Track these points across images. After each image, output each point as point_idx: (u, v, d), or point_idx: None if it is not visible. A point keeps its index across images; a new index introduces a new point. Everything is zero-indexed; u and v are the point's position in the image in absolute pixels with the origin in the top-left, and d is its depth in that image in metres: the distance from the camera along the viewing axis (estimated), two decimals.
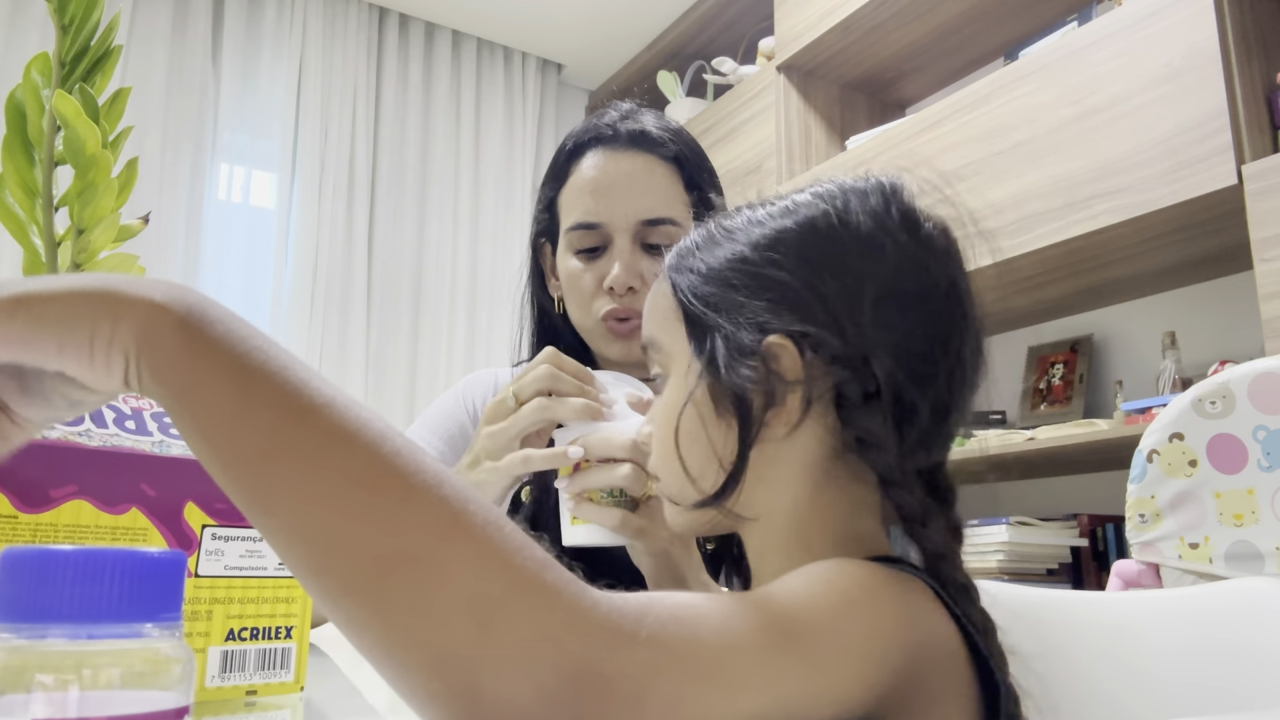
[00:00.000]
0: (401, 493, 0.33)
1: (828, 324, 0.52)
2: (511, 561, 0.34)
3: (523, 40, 3.41)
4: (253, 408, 0.34)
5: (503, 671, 0.32)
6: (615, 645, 0.34)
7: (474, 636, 0.32)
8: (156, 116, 2.78)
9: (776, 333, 0.52)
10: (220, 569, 0.50)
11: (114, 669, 0.26)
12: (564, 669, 0.33)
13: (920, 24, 2.40)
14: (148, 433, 0.50)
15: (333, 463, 0.33)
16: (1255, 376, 0.93)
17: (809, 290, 0.53)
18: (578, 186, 0.97)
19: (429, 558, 0.33)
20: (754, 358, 0.52)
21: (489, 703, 0.32)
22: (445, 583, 0.32)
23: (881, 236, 0.54)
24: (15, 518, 0.44)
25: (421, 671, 0.33)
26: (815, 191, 0.58)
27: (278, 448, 0.33)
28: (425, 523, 0.33)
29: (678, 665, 0.35)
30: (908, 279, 0.54)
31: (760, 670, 0.38)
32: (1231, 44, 1.60)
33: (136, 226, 0.80)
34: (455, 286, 3.15)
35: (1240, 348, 1.88)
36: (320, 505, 0.33)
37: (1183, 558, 0.97)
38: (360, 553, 0.32)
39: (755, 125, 2.70)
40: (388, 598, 0.32)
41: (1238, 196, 1.58)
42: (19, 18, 2.69)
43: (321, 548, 0.33)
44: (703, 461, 0.54)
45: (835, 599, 0.44)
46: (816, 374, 0.52)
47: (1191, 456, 0.97)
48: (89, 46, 0.79)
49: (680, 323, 0.57)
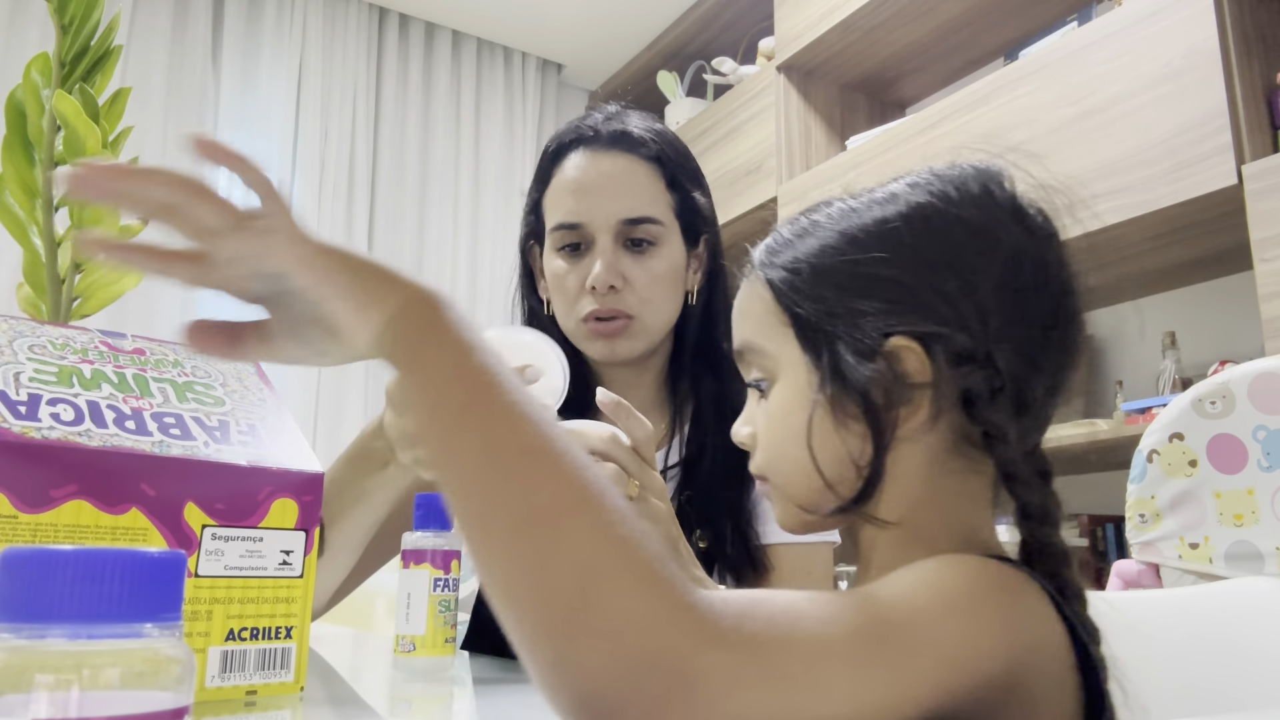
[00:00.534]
0: (546, 463, 0.39)
1: (952, 322, 0.51)
2: (624, 544, 0.36)
3: (523, 40, 3.41)
4: (457, 376, 0.42)
5: (590, 644, 0.35)
6: (704, 644, 0.35)
7: (574, 604, 0.35)
8: (156, 116, 2.78)
9: (899, 334, 0.51)
10: (220, 569, 0.50)
11: (114, 669, 0.26)
12: (647, 656, 0.35)
13: (920, 24, 2.40)
14: (148, 433, 0.50)
15: (502, 432, 0.40)
16: (1255, 376, 0.93)
17: (928, 288, 0.52)
18: (560, 187, 0.97)
19: (554, 523, 0.37)
20: (877, 360, 0.51)
21: (572, 669, 0.35)
22: (561, 549, 0.36)
23: (993, 227, 0.54)
24: (15, 518, 0.44)
25: (528, 626, 0.36)
26: (913, 181, 0.57)
27: (467, 412, 0.41)
28: (557, 492, 0.38)
29: (763, 673, 0.36)
30: (1022, 269, 0.53)
31: (847, 680, 0.39)
32: (1231, 44, 1.60)
33: (137, 227, 0.80)
34: (455, 286, 3.15)
35: (1240, 348, 1.88)
36: (487, 464, 0.39)
37: (1183, 558, 0.97)
38: (502, 509, 0.38)
39: (755, 125, 2.70)
40: (516, 552, 0.37)
41: (1238, 196, 1.58)
42: (19, 18, 2.69)
43: (479, 499, 0.39)
44: (837, 466, 0.53)
45: (938, 604, 0.43)
46: (944, 374, 0.51)
47: (1191, 456, 0.97)
48: (89, 46, 0.79)
49: (785, 327, 0.56)
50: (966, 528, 0.54)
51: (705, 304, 1.02)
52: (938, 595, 0.44)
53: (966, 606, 0.44)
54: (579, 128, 0.99)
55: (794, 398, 0.55)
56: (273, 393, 0.62)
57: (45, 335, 0.56)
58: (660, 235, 0.96)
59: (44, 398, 0.49)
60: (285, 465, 0.53)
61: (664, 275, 0.96)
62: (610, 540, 0.37)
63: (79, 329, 0.58)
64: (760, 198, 2.63)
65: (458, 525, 0.40)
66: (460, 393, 0.42)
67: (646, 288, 0.95)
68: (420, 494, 0.73)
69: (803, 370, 0.55)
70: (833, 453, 0.53)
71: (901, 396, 0.51)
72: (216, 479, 0.51)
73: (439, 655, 0.68)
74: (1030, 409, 0.53)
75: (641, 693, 0.34)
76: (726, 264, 1.04)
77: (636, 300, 0.94)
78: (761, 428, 0.58)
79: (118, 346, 0.58)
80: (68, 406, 0.49)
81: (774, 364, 0.56)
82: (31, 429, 0.46)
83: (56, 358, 0.54)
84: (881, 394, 0.51)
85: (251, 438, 0.55)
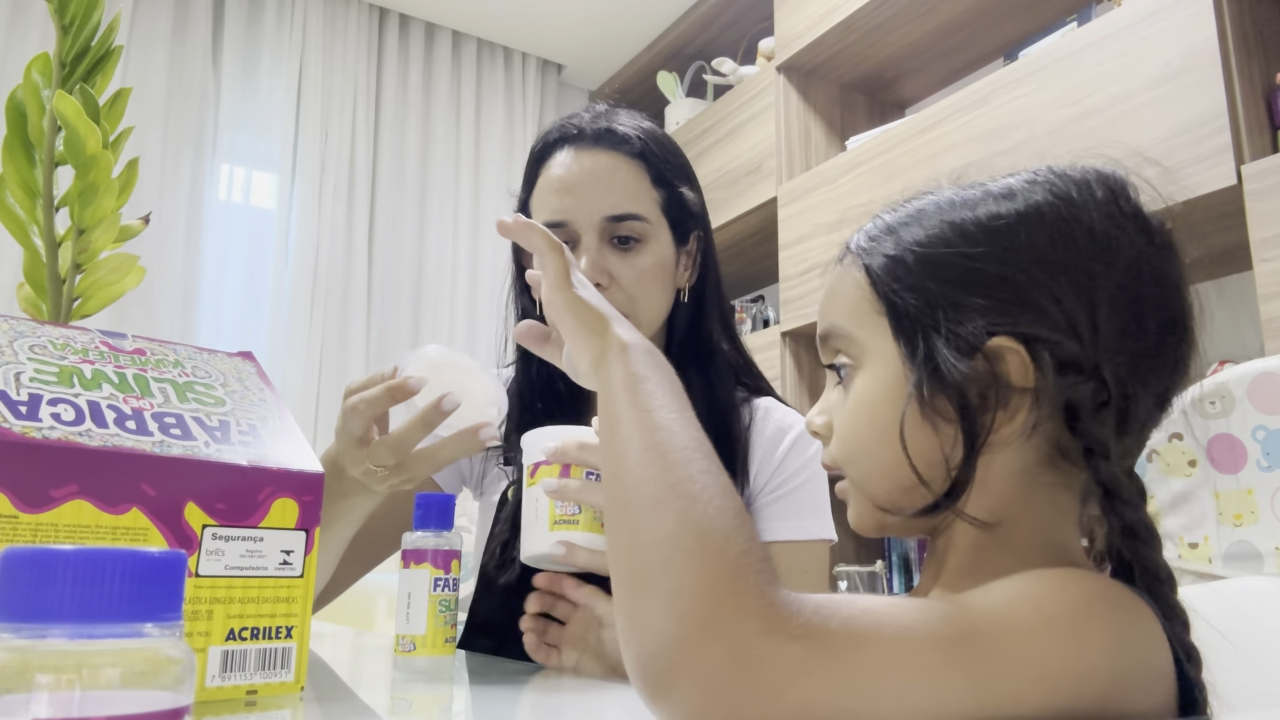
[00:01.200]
0: (664, 459, 0.46)
1: (1063, 328, 0.49)
2: (711, 529, 0.41)
3: (523, 40, 3.41)
4: (628, 411, 0.52)
5: (659, 603, 0.39)
6: (771, 631, 0.36)
7: (654, 568, 0.41)
8: (157, 117, 2.78)
9: (1003, 334, 0.49)
10: (220, 569, 0.50)
11: (114, 669, 0.26)
12: (708, 626, 0.37)
13: (920, 24, 2.40)
14: (148, 433, 0.50)
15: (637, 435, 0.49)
16: (1255, 377, 0.93)
17: (1041, 290, 0.50)
18: (545, 186, 0.97)
19: (662, 504, 0.44)
20: (977, 359, 0.49)
21: (641, 625, 0.39)
22: (658, 525, 0.42)
23: (1115, 234, 0.52)
24: (15, 518, 0.44)
25: (620, 587, 0.43)
26: (1031, 179, 0.54)
27: (630, 444, 0.49)
28: (663, 481, 0.45)
29: (830, 667, 0.36)
30: (1141, 281, 0.51)
31: (923, 685, 0.38)
32: (1231, 44, 1.60)
33: (137, 227, 0.80)
34: (455, 286, 3.16)
35: (1240, 348, 1.88)
36: (620, 460, 0.49)
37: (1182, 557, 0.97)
38: (621, 492, 0.47)
39: (755, 125, 2.70)
40: (628, 526, 0.45)
41: (1237, 196, 1.58)
42: (19, 18, 2.69)
43: (612, 487, 0.49)
44: (925, 466, 0.50)
45: (1036, 621, 0.42)
46: (1048, 380, 0.49)
47: (1191, 456, 0.97)
48: (89, 47, 0.79)
49: (878, 315, 0.54)
50: (1057, 542, 0.52)
51: (697, 300, 1.01)
52: (1037, 610, 0.42)
53: (1070, 623, 0.43)
54: (563, 126, 0.99)
55: (881, 389, 0.53)
56: (273, 393, 0.62)
57: (46, 335, 0.56)
58: (646, 232, 0.96)
59: (44, 398, 0.49)
60: (285, 465, 0.54)
61: (651, 272, 0.95)
62: (698, 524, 0.41)
63: (79, 329, 0.59)
64: (760, 198, 2.63)
65: (611, 524, 0.49)
66: (613, 411, 0.53)
67: (633, 285, 0.94)
68: (420, 494, 0.73)
69: (893, 362, 0.53)
70: (921, 450, 0.51)
71: (999, 400, 0.49)
72: (217, 479, 0.51)
73: (439, 655, 0.69)
74: (1133, 426, 0.51)
75: (698, 662, 0.36)
76: (719, 260, 1.04)
77: (624, 298, 0.94)
78: (840, 418, 0.56)
79: (118, 346, 0.58)
80: (68, 406, 0.49)
81: (861, 352, 0.55)
82: (32, 429, 0.46)
83: (57, 358, 0.54)
84: (978, 395, 0.49)
85: (252, 438, 0.55)
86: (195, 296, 2.81)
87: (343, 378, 2.90)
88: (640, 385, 0.53)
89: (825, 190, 2.42)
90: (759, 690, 0.35)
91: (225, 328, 2.87)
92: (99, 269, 0.77)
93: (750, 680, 0.35)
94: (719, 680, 0.36)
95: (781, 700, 0.36)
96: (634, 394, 0.52)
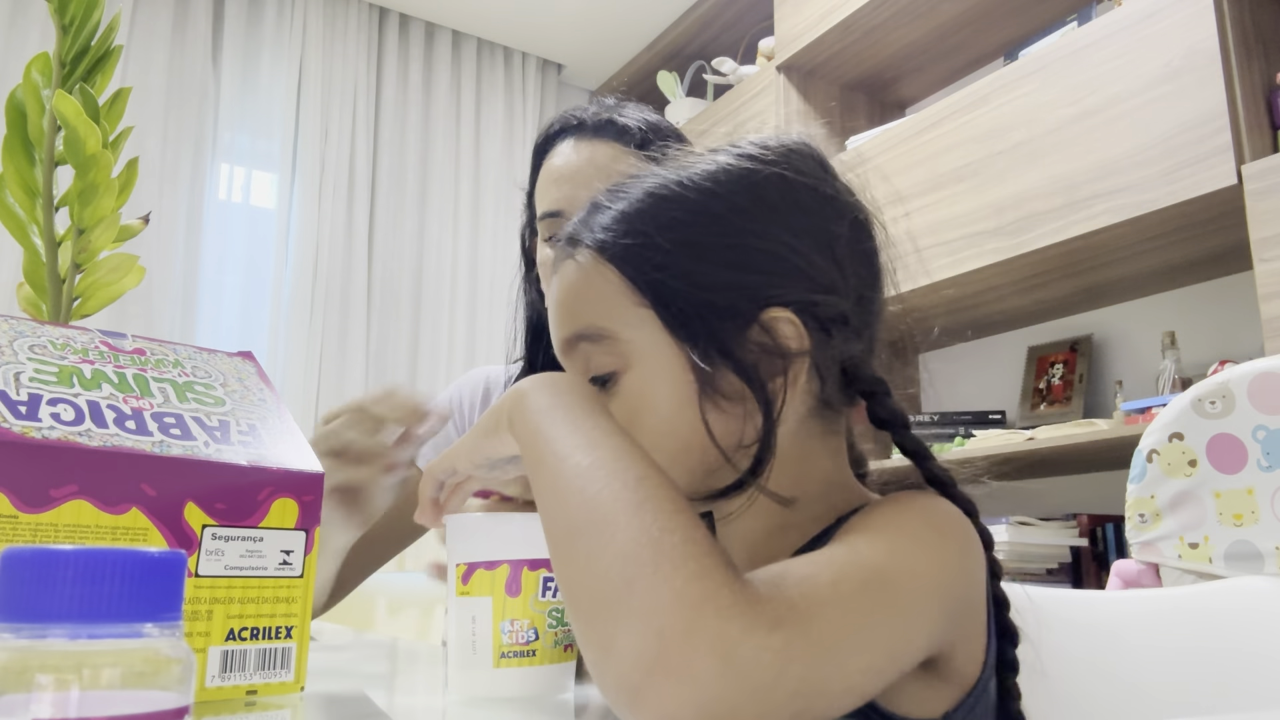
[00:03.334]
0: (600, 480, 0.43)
1: (822, 288, 0.53)
2: (667, 539, 0.39)
3: (523, 40, 3.41)
4: (532, 437, 0.48)
5: (631, 624, 0.37)
6: (753, 629, 0.36)
7: (619, 591, 0.38)
8: (157, 116, 2.78)
9: (774, 304, 0.51)
10: (220, 569, 0.50)
11: (114, 669, 0.26)
12: (690, 634, 0.35)
13: (920, 24, 2.40)
14: (148, 433, 0.50)
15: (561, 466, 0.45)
16: (1255, 376, 0.93)
17: (799, 256, 0.53)
18: (546, 176, 0.97)
19: (605, 524, 0.40)
20: (753, 333, 0.51)
21: (616, 652, 0.37)
22: (610, 546, 0.39)
23: (835, 195, 0.56)
24: (15, 518, 0.44)
25: (582, 619, 0.40)
26: (746, 153, 0.56)
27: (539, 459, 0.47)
28: (606, 501, 0.41)
29: (807, 646, 0.37)
30: (857, 229, 0.56)
31: (869, 634, 0.40)
32: (1231, 44, 1.60)
33: (137, 226, 0.80)
34: (455, 286, 3.15)
35: (1240, 348, 1.88)
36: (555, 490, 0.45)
37: (1182, 557, 0.97)
38: (563, 520, 0.43)
39: (755, 125, 2.69)
40: (574, 554, 0.41)
41: (1237, 196, 1.58)
42: (19, 18, 2.69)
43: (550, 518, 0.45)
44: (722, 445, 0.52)
45: (913, 543, 0.46)
46: (817, 340, 0.52)
47: (1191, 456, 0.97)
48: (89, 46, 0.79)
49: (640, 308, 0.53)
50: (842, 483, 0.56)
51: None
52: (910, 535, 0.46)
53: (933, 536, 0.47)
54: (565, 117, 0.99)
55: (659, 382, 0.52)
56: (273, 393, 0.62)
57: (45, 335, 0.56)
58: None
59: (44, 398, 0.49)
60: (285, 465, 0.53)
61: None
62: (653, 536, 0.39)
63: (79, 329, 0.59)
64: None
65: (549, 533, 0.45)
66: (531, 456, 0.48)
67: None
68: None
69: (665, 352, 0.52)
70: (719, 434, 0.51)
71: (777, 368, 0.51)
72: (217, 479, 0.51)
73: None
74: (874, 349, 0.56)
75: (688, 676, 0.35)
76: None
77: None
78: (641, 424, 0.53)
79: (118, 346, 0.58)
80: (68, 406, 0.49)
81: (627, 350, 0.53)
82: (32, 429, 0.46)
83: (57, 358, 0.54)
84: (764, 368, 0.51)
85: (252, 437, 0.55)
86: (195, 296, 2.81)
87: (342, 377, 2.90)
88: (554, 414, 0.48)
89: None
90: (754, 689, 0.35)
91: (225, 328, 2.86)
92: (99, 269, 0.77)
93: (744, 681, 0.35)
94: (713, 689, 0.35)
95: (775, 693, 0.36)
96: (551, 423, 0.48)
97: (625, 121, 0.97)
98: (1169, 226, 1.74)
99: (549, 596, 0.55)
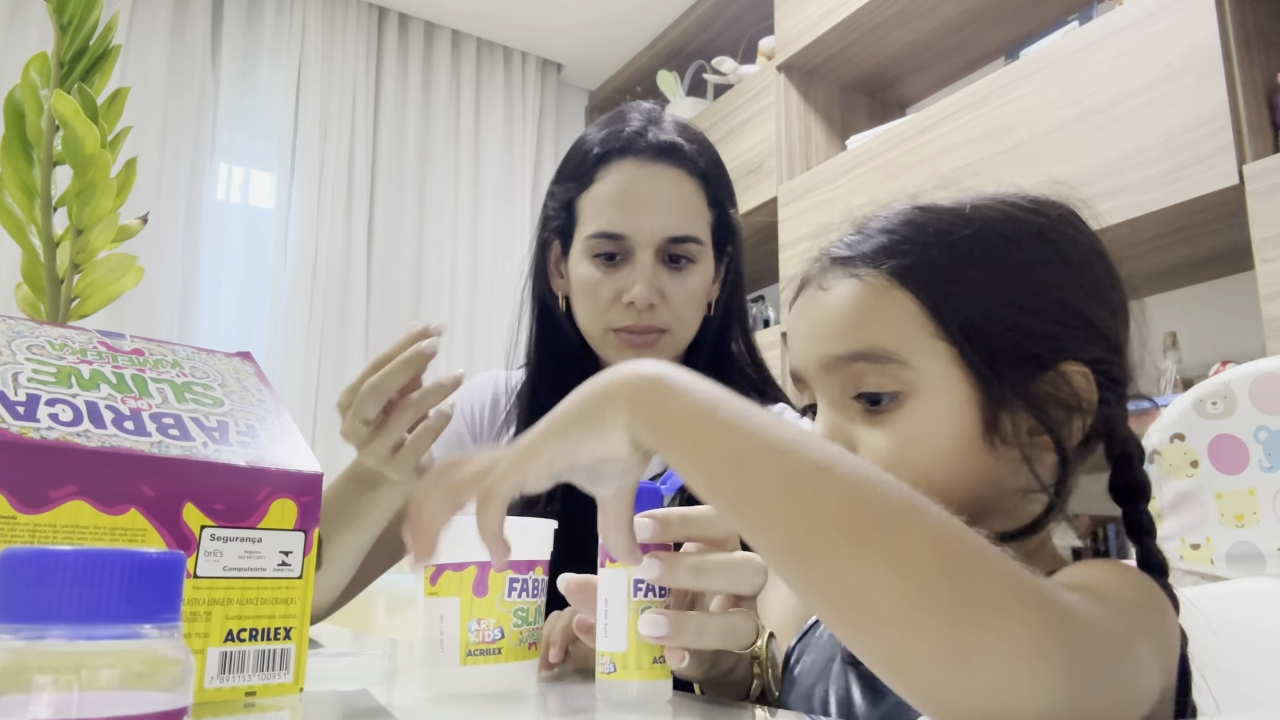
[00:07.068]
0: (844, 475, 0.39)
1: (1113, 349, 0.54)
2: (970, 535, 0.37)
3: (523, 40, 3.41)
4: (711, 443, 0.42)
5: (989, 617, 0.35)
6: (1067, 624, 0.37)
7: (948, 586, 0.35)
8: (155, 116, 2.78)
9: (1071, 359, 0.53)
10: (219, 570, 0.50)
11: (113, 670, 0.26)
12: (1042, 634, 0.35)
13: (920, 24, 2.40)
14: (147, 433, 0.50)
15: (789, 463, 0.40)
16: (1256, 377, 0.92)
17: (1094, 313, 0.54)
18: (604, 195, 0.96)
19: (889, 523, 0.37)
20: (1045, 381, 0.52)
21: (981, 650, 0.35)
22: (910, 542, 0.37)
23: (1105, 255, 0.58)
24: (14, 518, 0.44)
25: (895, 621, 0.36)
26: (1032, 207, 0.58)
27: (744, 462, 0.41)
28: (876, 498, 0.38)
29: (1115, 646, 0.38)
30: (1122, 290, 0.58)
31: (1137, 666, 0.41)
32: (1232, 44, 1.60)
33: (135, 226, 0.80)
34: (455, 286, 3.15)
35: (1241, 348, 1.88)
36: (791, 491, 0.39)
37: (1184, 558, 0.97)
38: (827, 523, 0.38)
39: (755, 125, 2.70)
40: (863, 556, 0.37)
41: (1239, 196, 1.58)
42: (18, 18, 2.69)
43: (793, 522, 0.39)
44: (991, 484, 0.53)
45: (1143, 600, 0.47)
46: (1101, 396, 0.53)
47: (1192, 457, 0.97)
48: (88, 46, 0.78)
49: (935, 339, 0.52)
50: (1040, 541, 0.57)
51: (724, 312, 1.02)
52: (1135, 591, 0.47)
53: (1154, 602, 0.48)
54: (625, 135, 0.97)
55: (940, 416, 0.52)
56: (272, 393, 0.62)
57: (44, 335, 0.56)
58: (698, 254, 0.97)
59: (42, 398, 0.49)
60: (284, 466, 0.53)
61: (698, 291, 0.97)
62: (946, 529, 0.37)
63: (78, 329, 0.58)
64: (760, 198, 2.63)
65: (770, 559, 0.40)
66: (728, 451, 0.41)
67: (682, 305, 0.95)
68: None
69: (955, 387, 0.52)
70: (978, 472, 0.52)
71: (1061, 419, 0.53)
72: (215, 479, 0.50)
73: (649, 679, 0.53)
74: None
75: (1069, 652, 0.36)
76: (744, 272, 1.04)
77: (671, 316, 0.95)
78: (888, 448, 0.52)
79: (116, 347, 0.58)
80: (66, 407, 0.49)
81: (914, 378, 0.52)
82: (30, 429, 0.46)
83: (55, 358, 0.53)
84: (1060, 414, 0.52)
85: (250, 438, 0.55)
86: (194, 296, 2.81)
87: (342, 377, 2.89)
88: (729, 405, 0.43)
89: (825, 190, 2.42)
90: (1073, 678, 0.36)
91: (224, 328, 2.86)
92: (97, 269, 0.77)
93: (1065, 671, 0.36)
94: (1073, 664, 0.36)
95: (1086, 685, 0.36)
96: (726, 431, 0.42)
97: (689, 149, 0.97)
98: (1170, 227, 1.74)
99: (514, 596, 0.56)
